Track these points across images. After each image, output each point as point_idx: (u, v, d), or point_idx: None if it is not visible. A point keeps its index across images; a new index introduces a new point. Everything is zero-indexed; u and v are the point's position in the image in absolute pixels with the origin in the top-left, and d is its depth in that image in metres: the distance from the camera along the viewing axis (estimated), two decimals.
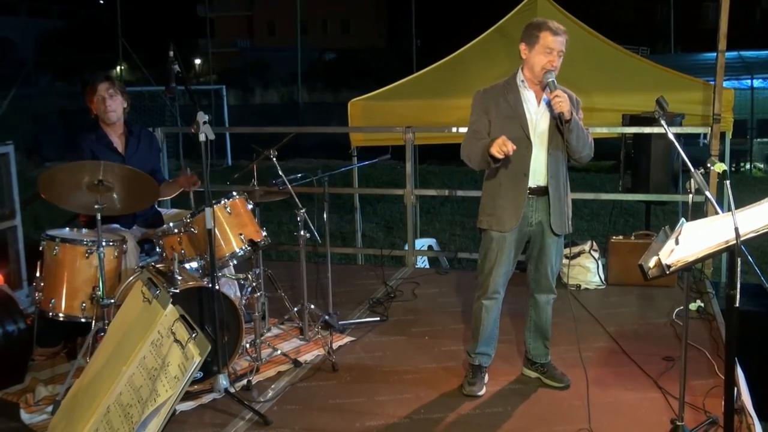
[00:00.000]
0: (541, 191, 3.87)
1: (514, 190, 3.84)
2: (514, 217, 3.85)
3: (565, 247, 6.11)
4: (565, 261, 5.80)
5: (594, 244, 5.97)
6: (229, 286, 4.78)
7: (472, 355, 4.10)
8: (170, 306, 3.08)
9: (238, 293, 4.82)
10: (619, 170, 6.61)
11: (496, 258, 3.91)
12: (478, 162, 3.80)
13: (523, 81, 3.84)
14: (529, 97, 3.85)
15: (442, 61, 8.00)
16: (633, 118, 6.37)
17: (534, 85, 3.84)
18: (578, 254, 5.84)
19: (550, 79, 3.71)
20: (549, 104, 3.79)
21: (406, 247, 6.81)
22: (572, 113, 3.72)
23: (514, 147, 3.64)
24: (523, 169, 3.82)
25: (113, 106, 4.71)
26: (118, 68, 24.08)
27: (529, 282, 4.10)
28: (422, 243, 7.98)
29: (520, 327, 4.30)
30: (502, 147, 3.61)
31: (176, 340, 2.94)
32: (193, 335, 2.90)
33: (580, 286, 5.78)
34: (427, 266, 7.57)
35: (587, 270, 5.79)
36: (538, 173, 3.85)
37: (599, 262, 5.85)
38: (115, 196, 4.09)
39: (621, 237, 6.00)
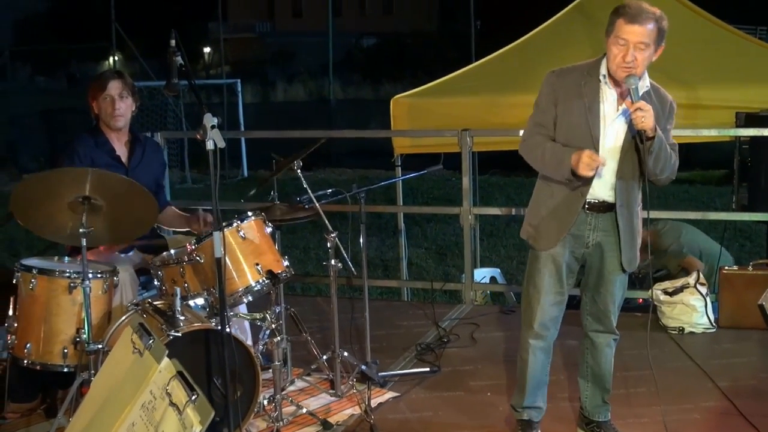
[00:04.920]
0: (604, 207, 3.86)
1: (564, 209, 3.85)
2: (554, 238, 3.88)
3: (665, 279, 6.06)
4: (664, 298, 5.75)
5: (701, 276, 5.89)
6: (242, 328, 4.80)
7: (519, 409, 4.14)
8: (165, 359, 3.08)
9: (251, 339, 4.84)
10: (733, 182, 6.51)
11: (544, 282, 3.93)
12: (551, 169, 3.79)
13: (604, 76, 3.78)
14: (609, 98, 3.80)
15: (508, 47, 7.99)
16: (750, 117, 6.28)
17: (617, 84, 3.78)
18: (681, 289, 5.77)
19: (633, 86, 3.63)
20: (628, 115, 3.74)
21: (464, 279, 6.78)
22: (656, 129, 3.65)
23: (604, 162, 3.66)
24: (582, 189, 3.82)
25: (123, 109, 4.79)
26: (111, 59, 24.50)
27: (584, 318, 4.09)
28: (483, 274, 7.94)
29: (567, 375, 4.28)
30: (591, 165, 3.61)
31: (172, 403, 2.93)
32: (193, 397, 2.89)
33: (683, 329, 5.69)
34: (490, 303, 7.51)
35: (692, 309, 5.71)
36: (600, 190, 3.85)
37: (707, 298, 5.77)
38: (103, 219, 4.12)
39: (735, 267, 5.92)
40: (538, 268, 3.94)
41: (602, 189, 3.83)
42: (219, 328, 3.87)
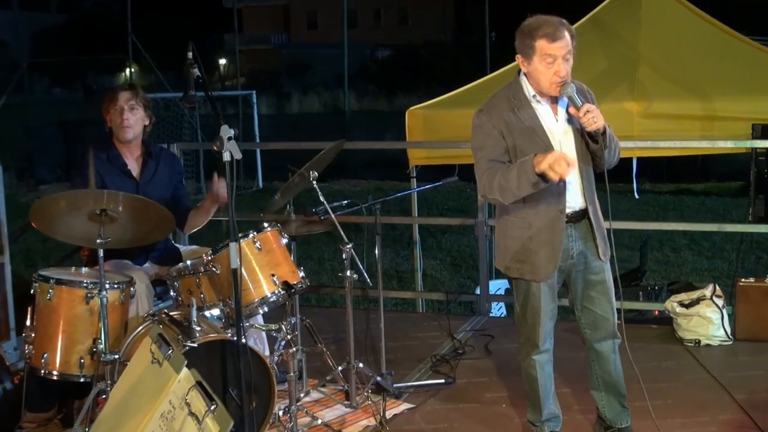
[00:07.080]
0: (578, 216, 3.91)
1: (550, 233, 3.87)
2: (551, 263, 3.89)
3: (681, 292, 6.03)
4: (680, 310, 5.73)
5: (717, 288, 5.86)
6: (258, 339, 4.81)
7: (538, 423, 4.16)
8: (184, 370, 3.10)
9: (268, 349, 4.84)
10: (749, 194, 6.50)
11: (539, 305, 3.96)
12: (515, 183, 3.69)
13: (534, 96, 3.84)
14: (545, 114, 3.86)
15: None
16: (766, 128, 6.27)
17: (546, 99, 3.86)
18: (697, 301, 5.74)
19: (571, 93, 3.70)
20: (570, 117, 3.82)
21: (478, 291, 6.77)
22: (606, 124, 3.72)
23: (574, 163, 3.64)
24: (559, 205, 3.84)
25: (131, 121, 4.82)
26: (128, 71, 24.68)
27: (583, 332, 4.10)
28: (498, 285, 7.92)
29: (579, 386, 4.26)
30: (557, 166, 3.51)
31: (191, 413, 2.94)
32: (212, 407, 2.91)
33: (699, 341, 5.66)
34: (504, 314, 7.50)
35: (709, 321, 5.68)
36: (573, 200, 3.89)
37: (724, 311, 5.73)
38: (120, 228, 4.16)
39: (752, 279, 5.87)
40: (533, 293, 3.96)
41: (575, 198, 3.89)
42: (235, 338, 3.89)
